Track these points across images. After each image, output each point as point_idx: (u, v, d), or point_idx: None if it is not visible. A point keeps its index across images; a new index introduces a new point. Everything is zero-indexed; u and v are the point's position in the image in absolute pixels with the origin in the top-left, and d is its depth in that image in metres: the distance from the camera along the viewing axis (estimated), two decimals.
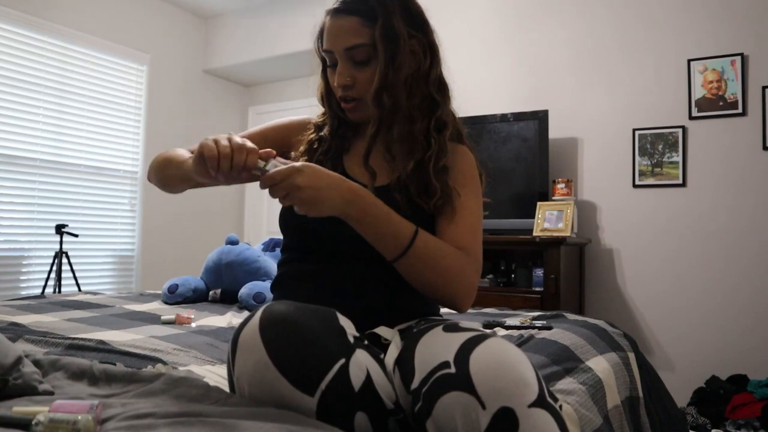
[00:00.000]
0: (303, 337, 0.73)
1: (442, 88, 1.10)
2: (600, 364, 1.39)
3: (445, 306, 1.02)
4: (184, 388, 0.83)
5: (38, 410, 0.72)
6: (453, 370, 0.72)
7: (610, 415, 1.26)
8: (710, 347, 2.72)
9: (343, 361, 0.74)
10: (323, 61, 1.11)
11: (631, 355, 1.65)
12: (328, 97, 1.13)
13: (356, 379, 0.75)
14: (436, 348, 0.77)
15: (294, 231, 1.09)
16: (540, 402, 0.70)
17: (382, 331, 0.98)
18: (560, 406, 0.76)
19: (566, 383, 1.19)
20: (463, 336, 0.77)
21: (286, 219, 1.10)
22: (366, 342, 0.84)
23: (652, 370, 1.73)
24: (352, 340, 0.79)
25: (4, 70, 3.43)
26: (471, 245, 1.02)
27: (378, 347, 0.94)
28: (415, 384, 0.76)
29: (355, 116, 1.08)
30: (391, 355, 0.89)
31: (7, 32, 3.44)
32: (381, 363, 0.84)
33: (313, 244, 1.06)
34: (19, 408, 0.75)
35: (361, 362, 0.77)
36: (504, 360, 0.71)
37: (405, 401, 0.80)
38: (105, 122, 3.99)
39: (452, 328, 0.81)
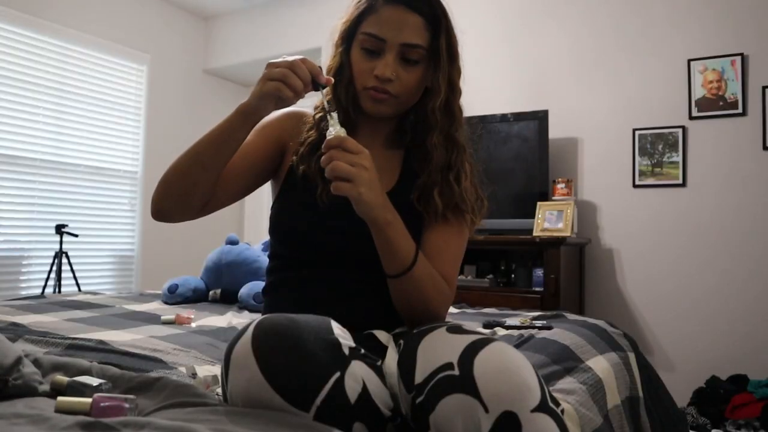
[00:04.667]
0: (297, 353, 0.71)
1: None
2: (600, 364, 1.39)
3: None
4: (181, 397, 0.82)
5: (83, 401, 0.77)
6: (457, 372, 0.72)
7: (610, 415, 1.26)
8: (710, 347, 2.71)
9: (338, 374, 0.73)
10: (348, 40, 1.03)
11: (631, 355, 1.65)
12: (346, 82, 1.03)
13: (352, 391, 0.74)
14: (440, 348, 0.77)
15: (286, 236, 1.06)
16: (542, 407, 0.70)
17: (379, 334, 0.98)
18: (562, 410, 0.76)
19: (566, 383, 1.19)
20: (468, 338, 0.76)
21: (279, 224, 1.06)
22: (363, 351, 0.82)
23: (652, 370, 1.73)
24: (347, 351, 0.77)
25: (4, 70, 3.43)
26: (453, 277, 1.02)
27: (377, 350, 0.93)
28: (418, 380, 0.76)
29: (379, 110, 1.01)
30: (390, 358, 0.89)
31: (6, 32, 3.44)
32: (378, 370, 0.83)
33: (305, 252, 1.03)
34: (64, 399, 0.79)
35: (357, 374, 0.76)
36: (508, 364, 0.72)
37: (404, 402, 0.79)
38: (105, 122, 3.99)
39: (456, 329, 0.81)
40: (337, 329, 0.80)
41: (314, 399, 0.70)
